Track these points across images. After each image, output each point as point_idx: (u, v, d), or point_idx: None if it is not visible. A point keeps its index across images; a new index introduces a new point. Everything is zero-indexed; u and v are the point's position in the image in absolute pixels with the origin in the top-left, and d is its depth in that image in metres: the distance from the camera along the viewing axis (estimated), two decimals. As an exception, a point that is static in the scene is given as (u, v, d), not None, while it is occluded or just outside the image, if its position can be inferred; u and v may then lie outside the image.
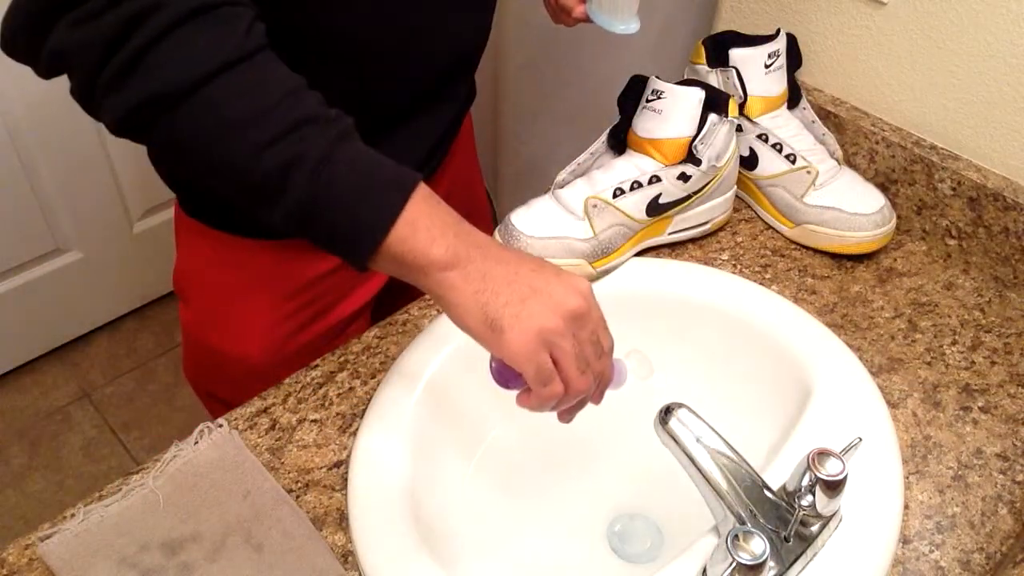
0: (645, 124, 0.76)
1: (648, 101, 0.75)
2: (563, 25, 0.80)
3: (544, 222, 0.73)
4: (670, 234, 0.81)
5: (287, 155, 0.47)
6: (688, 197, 0.77)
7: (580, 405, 0.55)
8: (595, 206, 0.74)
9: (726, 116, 0.75)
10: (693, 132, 0.74)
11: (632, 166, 0.75)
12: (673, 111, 0.74)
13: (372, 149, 0.51)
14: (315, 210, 0.49)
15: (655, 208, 0.76)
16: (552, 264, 0.52)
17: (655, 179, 0.75)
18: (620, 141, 0.79)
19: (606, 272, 0.76)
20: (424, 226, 0.49)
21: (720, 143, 0.76)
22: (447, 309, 0.50)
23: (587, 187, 0.75)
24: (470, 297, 0.49)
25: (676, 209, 0.78)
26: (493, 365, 0.55)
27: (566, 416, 0.56)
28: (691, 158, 0.75)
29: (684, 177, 0.75)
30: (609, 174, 0.75)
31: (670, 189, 0.76)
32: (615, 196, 0.74)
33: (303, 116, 0.48)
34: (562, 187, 0.77)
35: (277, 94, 0.48)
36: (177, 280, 0.83)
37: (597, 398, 0.56)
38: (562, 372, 0.50)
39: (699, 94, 0.74)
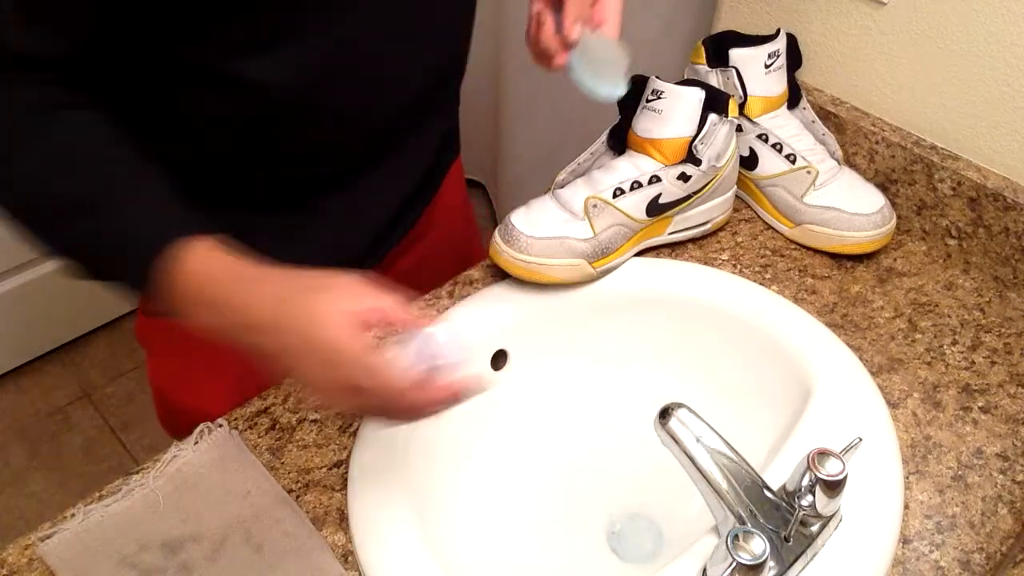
0: (645, 124, 0.76)
1: (648, 101, 0.75)
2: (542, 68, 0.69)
3: (544, 222, 0.73)
4: (670, 234, 0.81)
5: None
6: (688, 197, 0.77)
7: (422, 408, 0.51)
8: (595, 206, 0.74)
9: (726, 116, 0.75)
10: (693, 132, 0.74)
11: (632, 166, 0.75)
12: (673, 111, 0.74)
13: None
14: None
15: (655, 208, 0.76)
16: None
17: (655, 179, 0.75)
18: (620, 141, 0.79)
19: (606, 272, 0.76)
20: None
21: (720, 143, 0.76)
22: None
23: (587, 187, 0.75)
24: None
25: (676, 209, 0.78)
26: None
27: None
28: (691, 158, 0.75)
29: (684, 177, 0.75)
30: (609, 174, 0.75)
31: (670, 189, 0.76)
32: (615, 196, 0.74)
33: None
34: (562, 187, 0.77)
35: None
36: (139, 333, 0.80)
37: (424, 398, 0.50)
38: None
39: (699, 94, 0.74)
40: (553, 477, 0.72)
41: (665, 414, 0.54)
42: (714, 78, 0.85)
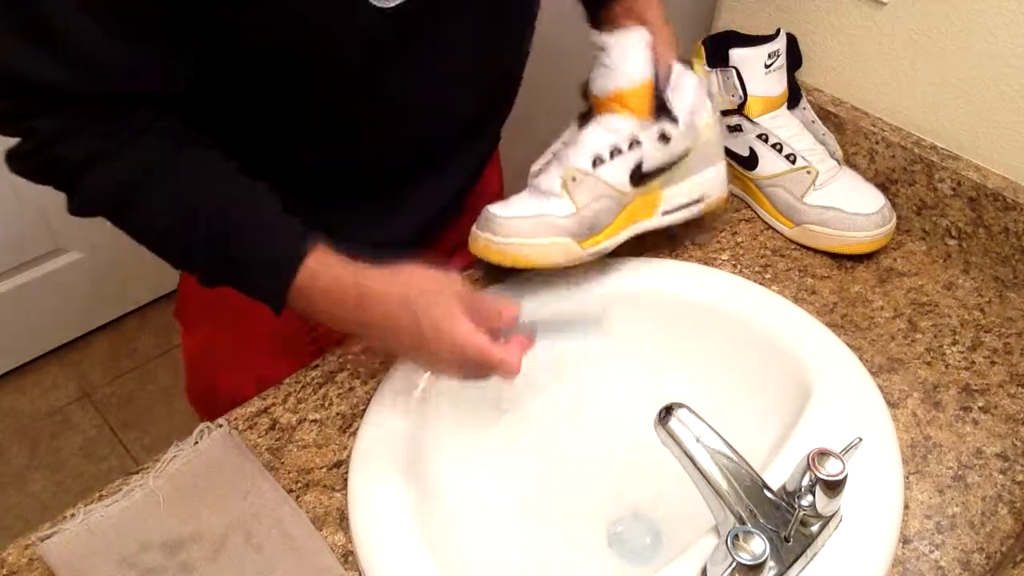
0: (600, 83, 0.72)
1: (596, 60, 0.72)
2: None
3: (521, 207, 0.70)
4: (664, 215, 0.76)
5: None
6: (673, 163, 0.73)
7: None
8: (573, 179, 0.69)
9: (691, 68, 0.73)
10: (648, 74, 0.71)
11: (604, 131, 0.71)
12: (621, 59, 0.71)
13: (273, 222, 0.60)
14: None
15: (639, 176, 0.71)
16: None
17: (635, 143, 0.70)
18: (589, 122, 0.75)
19: (598, 254, 0.73)
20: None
21: (691, 96, 0.72)
22: None
23: (562, 166, 0.72)
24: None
25: (662, 178, 0.73)
26: None
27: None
28: (665, 112, 0.71)
29: (664, 138, 0.71)
30: (583, 147, 0.72)
31: (652, 153, 0.71)
32: (595, 166, 0.70)
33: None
34: (537, 176, 0.73)
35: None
36: (179, 309, 0.85)
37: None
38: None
39: (642, 34, 0.71)
40: (553, 477, 0.72)
41: (665, 414, 0.54)
42: (714, 78, 0.85)
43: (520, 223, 0.68)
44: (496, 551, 0.66)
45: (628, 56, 0.71)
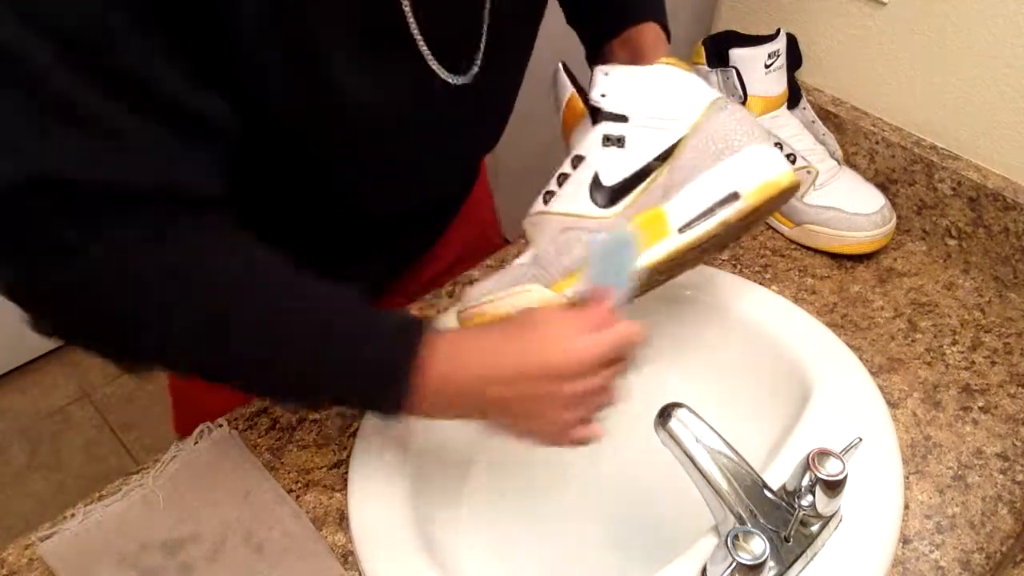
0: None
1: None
2: None
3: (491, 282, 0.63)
4: (680, 230, 0.58)
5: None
6: (649, 169, 0.59)
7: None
8: (533, 225, 0.62)
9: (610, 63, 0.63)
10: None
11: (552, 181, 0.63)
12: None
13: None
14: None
15: (604, 192, 0.59)
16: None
17: (578, 160, 0.60)
18: None
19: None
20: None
21: (637, 90, 0.60)
22: None
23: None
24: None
25: (647, 183, 0.59)
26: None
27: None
28: (605, 116, 0.60)
29: (613, 141, 0.60)
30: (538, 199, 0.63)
31: (605, 161, 0.59)
32: (546, 202, 0.62)
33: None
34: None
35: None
36: None
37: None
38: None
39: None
40: (552, 477, 0.72)
41: (665, 414, 0.54)
42: (714, 78, 0.85)
43: (483, 285, 0.62)
44: (495, 550, 0.66)
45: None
